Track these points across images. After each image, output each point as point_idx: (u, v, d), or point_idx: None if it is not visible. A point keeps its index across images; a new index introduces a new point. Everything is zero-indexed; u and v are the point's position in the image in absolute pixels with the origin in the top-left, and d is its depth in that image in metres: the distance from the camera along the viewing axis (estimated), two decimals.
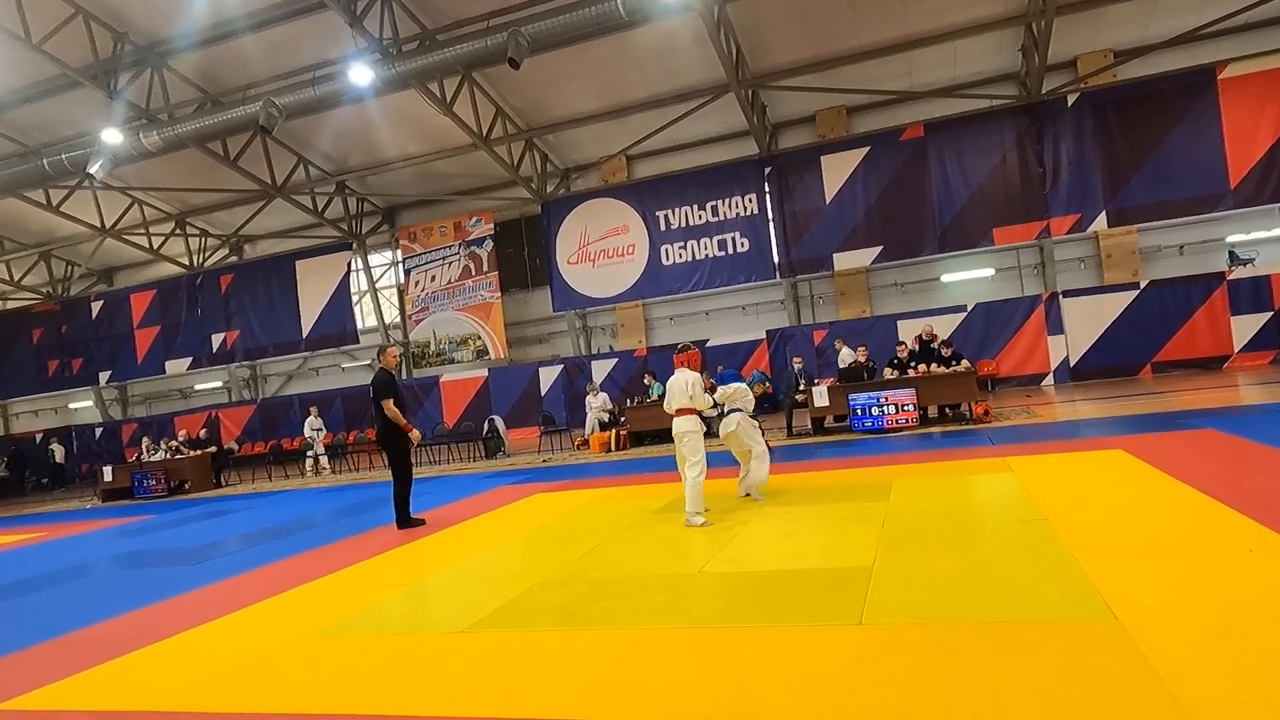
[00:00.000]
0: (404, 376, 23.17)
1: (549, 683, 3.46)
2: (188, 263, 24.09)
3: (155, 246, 23.38)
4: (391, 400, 8.02)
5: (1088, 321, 16.54)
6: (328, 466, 17.08)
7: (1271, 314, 15.44)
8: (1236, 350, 15.61)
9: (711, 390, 7.57)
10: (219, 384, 25.93)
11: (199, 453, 17.12)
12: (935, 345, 12.99)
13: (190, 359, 24.65)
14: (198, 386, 26.44)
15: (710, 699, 3.08)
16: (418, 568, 6.27)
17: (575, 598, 4.75)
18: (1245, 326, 15.59)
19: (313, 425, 17.20)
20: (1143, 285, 16.38)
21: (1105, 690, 2.75)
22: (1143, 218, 16.80)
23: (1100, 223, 16.82)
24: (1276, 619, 3.18)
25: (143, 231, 22.75)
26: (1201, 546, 4.29)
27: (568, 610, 4.52)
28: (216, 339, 24.22)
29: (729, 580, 4.76)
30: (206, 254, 24.32)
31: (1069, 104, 16.88)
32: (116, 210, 21.92)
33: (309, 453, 17.08)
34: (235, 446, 21.12)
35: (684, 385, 6.79)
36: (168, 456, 17.12)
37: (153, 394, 27.06)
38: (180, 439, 17.66)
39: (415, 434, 8.20)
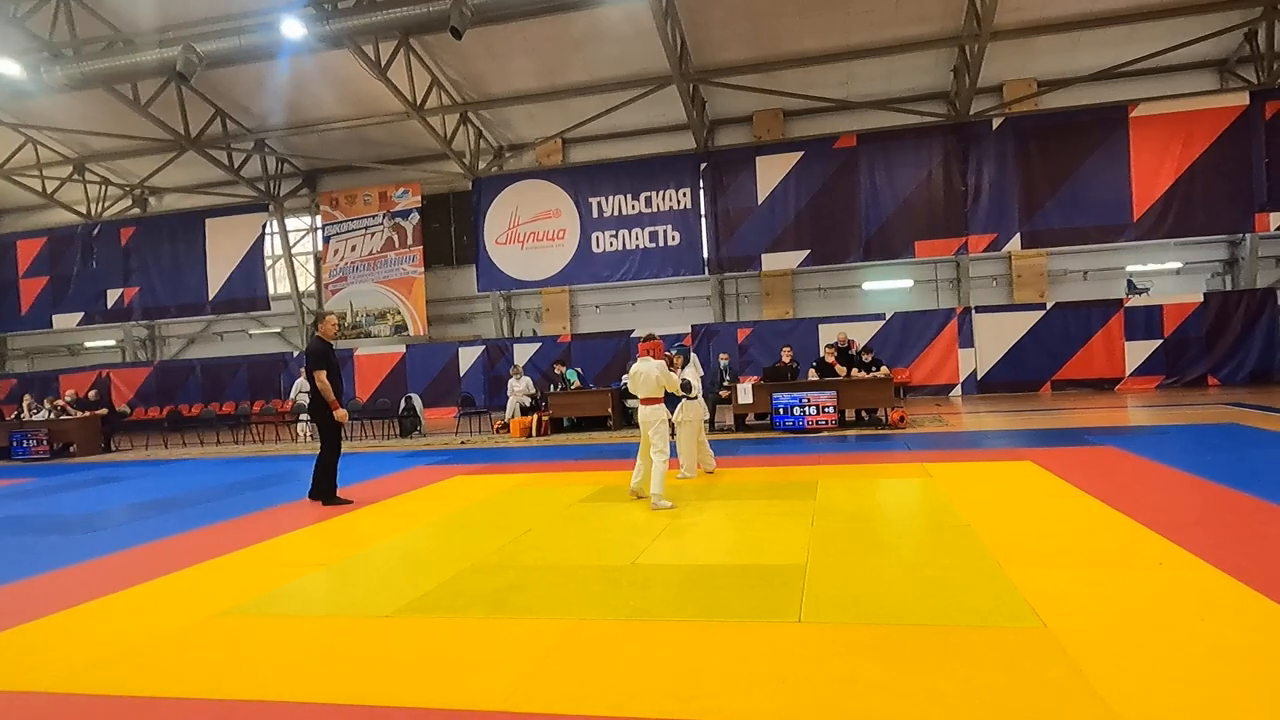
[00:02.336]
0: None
1: (485, 672, 3.34)
2: (85, 211, 22.55)
3: (49, 191, 21.79)
4: (325, 372, 7.64)
5: (996, 337, 17.28)
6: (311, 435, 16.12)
7: (1161, 342, 16.48)
8: (1128, 374, 16.59)
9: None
10: (112, 342, 24.38)
11: (87, 414, 16.05)
12: (853, 352, 13.32)
13: (82, 314, 23.07)
14: (88, 344, 24.80)
15: (657, 694, 3.03)
16: (335, 547, 6.01)
17: (507, 585, 4.63)
18: (1137, 352, 16.59)
19: (301, 386, 16.27)
20: (1048, 306, 17.23)
21: (1042, 695, 2.84)
22: (1053, 242, 17.65)
23: (1014, 244, 17.57)
24: (1192, 628, 3.36)
25: (36, 174, 21.14)
26: (1115, 558, 4.50)
27: (500, 598, 4.39)
28: (113, 295, 22.74)
29: (664, 573, 4.73)
30: (107, 203, 22.81)
31: (993, 127, 17.55)
32: (7, 148, 20.31)
33: (302, 416, 16.03)
34: (128, 409, 19.92)
35: (651, 374, 6.96)
36: (52, 416, 16.00)
37: (36, 349, 25.23)
38: (67, 398, 16.55)
39: (341, 413, 7.76)
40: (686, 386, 7.51)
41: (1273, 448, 8.32)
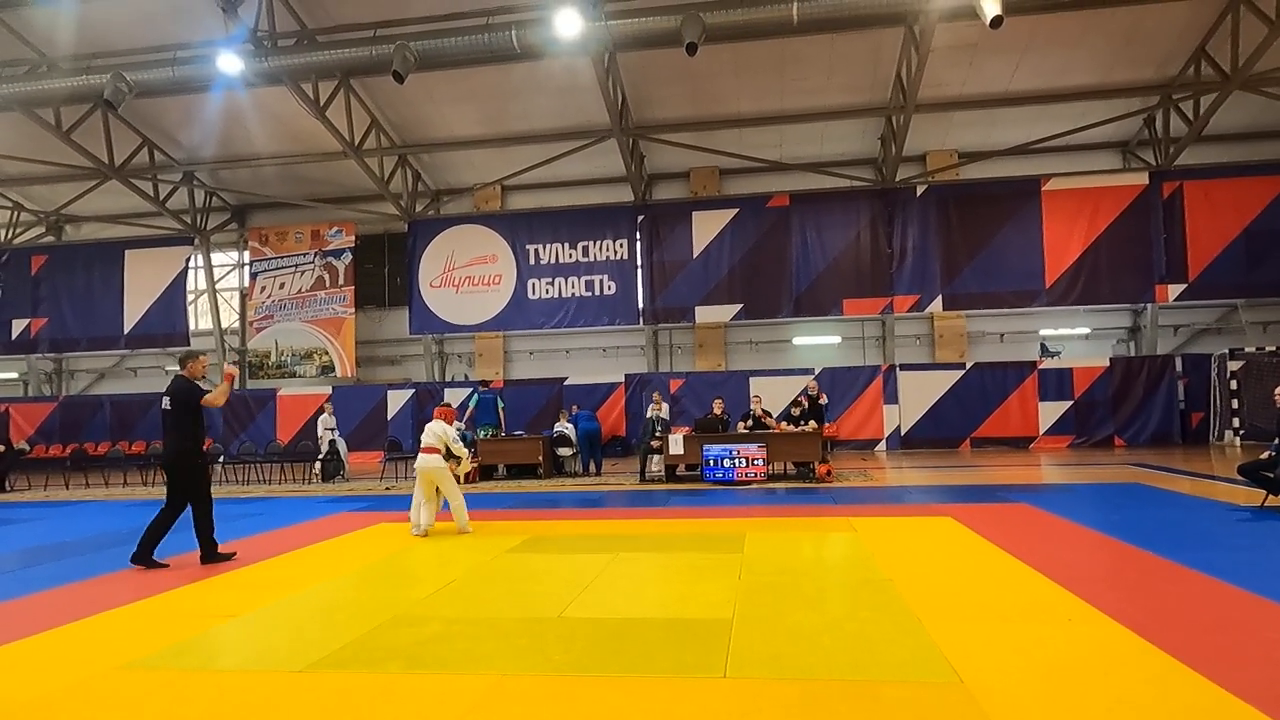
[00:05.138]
0: (237, 386, 21.60)
1: None
2: None
3: None
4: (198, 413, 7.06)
5: (919, 394, 17.87)
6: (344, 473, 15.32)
7: (1071, 403, 17.30)
8: (1041, 433, 17.33)
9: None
10: (14, 375, 23.11)
11: None
12: (823, 402, 13.51)
13: None
14: None
15: None
16: (248, 597, 5.75)
17: (429, 638, 4.50)
18: (1050, 412, 17.37)
19: (326, 424, 15.49)
20: (968, 366, 17.95)
21: None
22: (972, 305, 18.46)
23: (936, 305, 18.31)
24: (1097, 682, 3.49)
25: None
26: (1028, 613, 4.66)
27: (421, 651, 4.27)
28: (19, 325, 21.63)
29: (590, 626, 4.67)
30: (18, 230, 21.83)
31: (917, 194, 18.40)
32: None
33: (322, 457, 15.14)
34: (26, 447, 18.79)
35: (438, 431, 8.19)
36: None
37: None
38: None
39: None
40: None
41: (1172, 507, 8.77)
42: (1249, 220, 17.27)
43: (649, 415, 13.78)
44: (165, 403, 7.15)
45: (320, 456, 15.22)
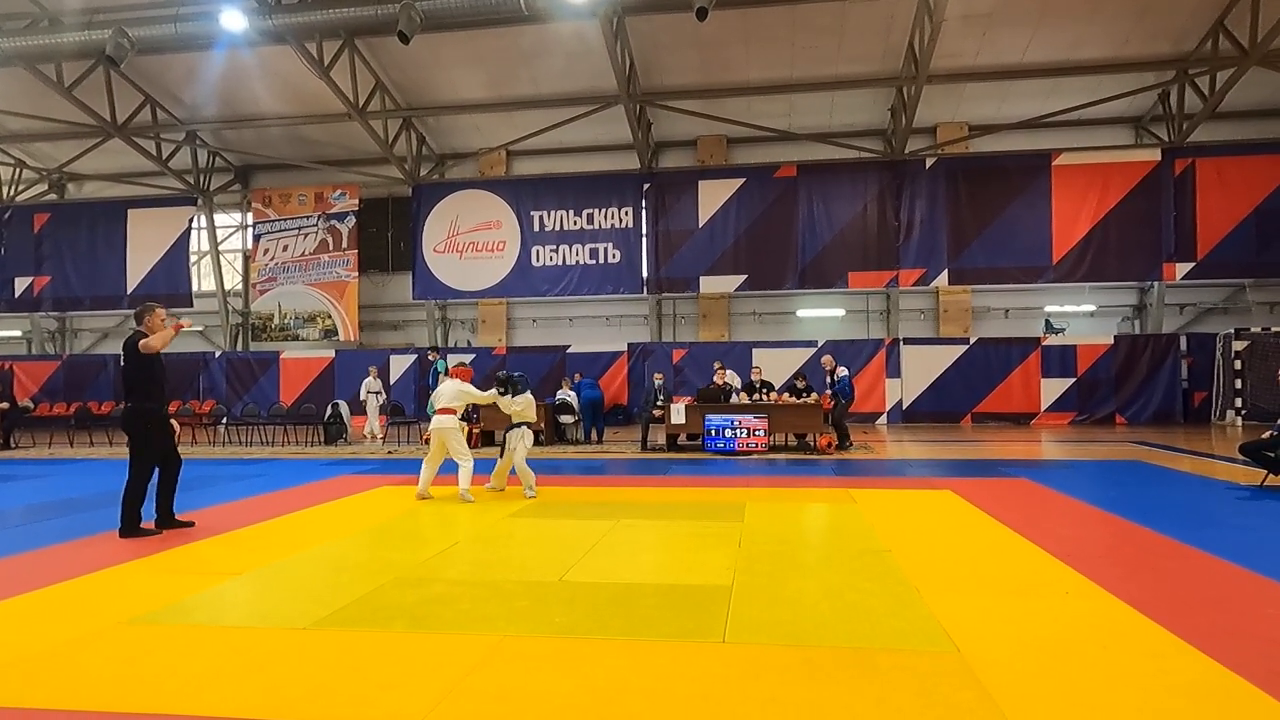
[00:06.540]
0: (240, 349, 21.64)
1: (404, 689, 3.27)
2: None
3: None
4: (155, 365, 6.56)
5: (922, 369, 17.87)
6: (380, 434, 15.59)
7: (1074, 380, 17.29)
8: (1043, 409, 17.34)
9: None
10: (18, 333, 23.16)
11: None
12: (838, 377, 12.99)
13: None
14: None
15: (580, 713, 3.02)
16: (251, 555, 5.80)
17: (431, 598, 4.55)
18: (1052, 389, 17.37)
19: (370, 387, 15.64)
20: (972, 341, 17.91)
21: (953, 717, 2.93)
22: (978, 280, 18.38)
23: (942, 279, 18.21)
24: (1094, 655, 3.52)
25: None
26: (1025, 586, 4.69)
27: (423, 611, 4.31)
28: (21, 283, 21.61)
29: (591, 590, 4.71)
30: (20, 187, 21.70)
31: (926, 166, 18.22)
32: None
33: (376, 413, 15.37)
34: (30, 405, 18.86)
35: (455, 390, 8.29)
36: None
37: None
38: None
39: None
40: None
41: (1171, 485, 8.80)
42: (1260, 199, 17.11)
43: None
44: (121, 360, 6.70)
45: (324, 420, 15.29)
